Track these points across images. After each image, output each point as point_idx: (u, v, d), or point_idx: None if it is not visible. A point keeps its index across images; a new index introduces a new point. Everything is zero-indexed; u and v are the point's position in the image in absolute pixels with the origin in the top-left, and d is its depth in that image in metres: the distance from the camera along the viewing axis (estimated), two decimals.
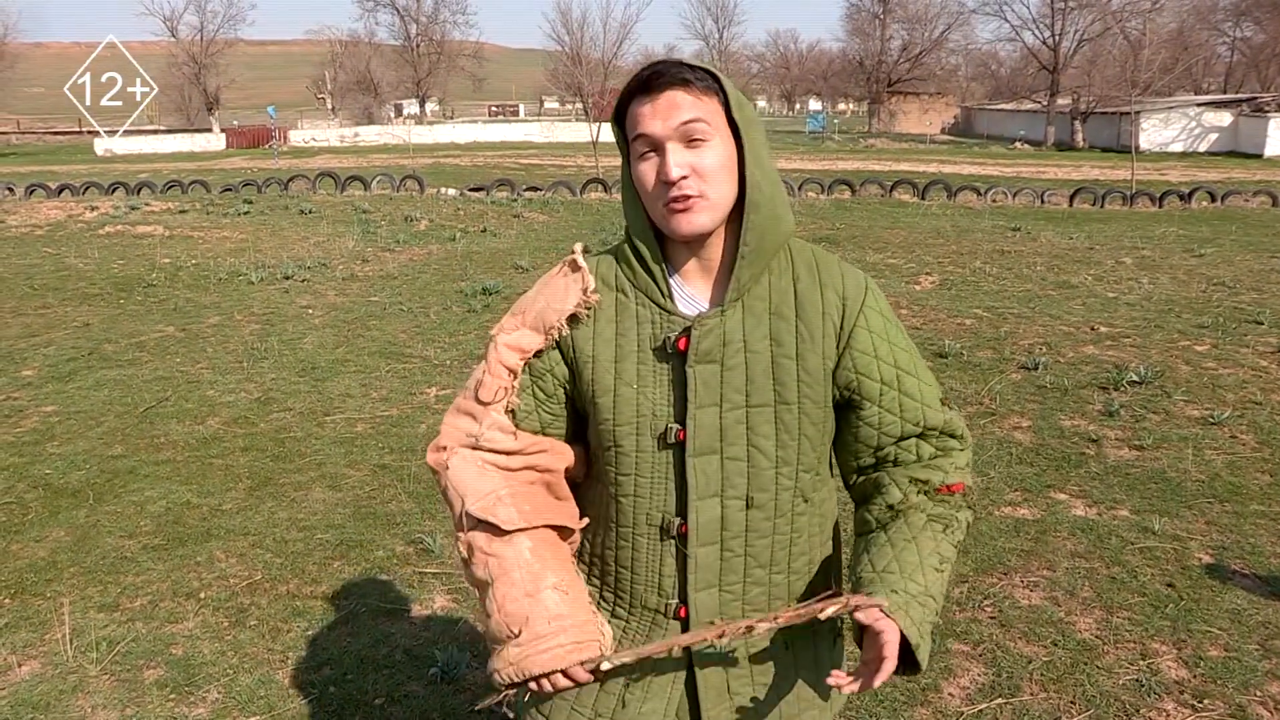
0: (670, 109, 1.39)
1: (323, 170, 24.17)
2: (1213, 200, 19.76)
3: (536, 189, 21.16)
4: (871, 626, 1.36)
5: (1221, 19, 60.19)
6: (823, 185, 21.65)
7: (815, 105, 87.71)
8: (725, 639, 1.43)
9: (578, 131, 47.80)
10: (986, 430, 5.54)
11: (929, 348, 7.24)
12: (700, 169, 1.40)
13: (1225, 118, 44.11)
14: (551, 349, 1.53)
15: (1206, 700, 3.05)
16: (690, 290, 1.50)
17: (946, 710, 3.03)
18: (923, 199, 20.25)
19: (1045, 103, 52.91)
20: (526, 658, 1.45)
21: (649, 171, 1.43)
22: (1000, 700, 3.07)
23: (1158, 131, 44.31)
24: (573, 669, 1.44)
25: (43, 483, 4.89)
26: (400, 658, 3.36)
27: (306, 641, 3.46)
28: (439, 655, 3.29)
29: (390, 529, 4.35)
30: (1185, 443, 5.28)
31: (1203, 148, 43.83)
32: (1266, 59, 58.57)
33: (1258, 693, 3.09)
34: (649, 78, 1.40)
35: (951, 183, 21.56)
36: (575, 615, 1.48)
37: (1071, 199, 19.74)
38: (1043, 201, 19.84)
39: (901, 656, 1.37)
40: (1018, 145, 48.49)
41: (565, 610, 1.47)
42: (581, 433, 1.61)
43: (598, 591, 1.60)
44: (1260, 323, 8.01)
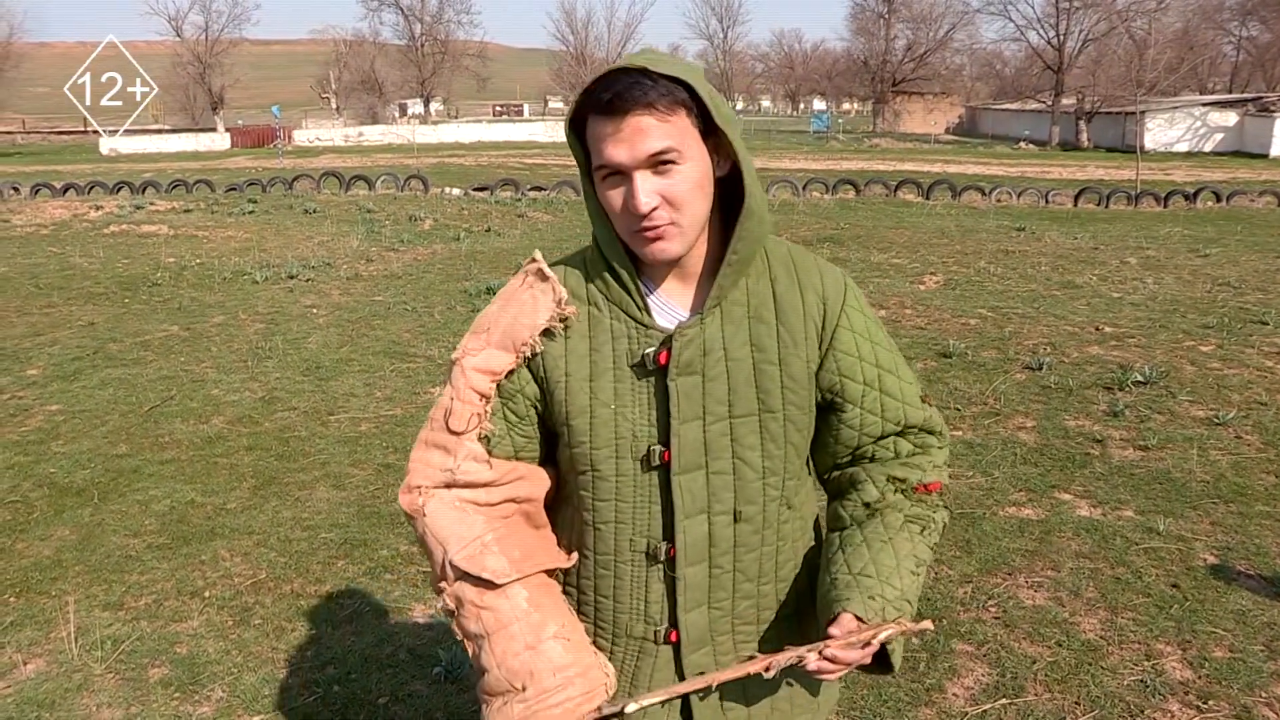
0: (636, 137, 1.27)
1: (327, 170, 24.21)
2: (1218, 200, 19.73)
3: (541, 189, 21.19)
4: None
5: (1227, 18, 60.13)
6: (827, 185, 21.65)
7: (819, 105, 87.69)
8: (770, 671, 1.36)
9: None
10: (991, 430, 5.53)
11: (933, 347, 7.24)
12: (672, 197, 1.30)
13: (1231, 117, 44.04)
14: (521, 368, 1.43)
15: (1211, 701, 3.05)
16: (666, 299, 1.42)
17: (950, 710, 3.03)
18: (927, 199, 20.23)
19: (1050, 103, 52.89)
20: (535, 714, 1.37)
21: (616, 197, 1.32)
22: (1004, 700, 3.07)
23: (1163, 131, 44.27)
24: None
25: (48, 481, 4.90)
26: (404, 657, 3.36)
27: (310, 640, 3.46)
28: (443, 654, 3.29)
29: (394, 528, 4.36)
30: (1190, 443, 5.27)
31: (1208, 148, 43.77)
32: (1272, 58, 58.47)
33: (1263, 694, 3.08)
34: (610, 101, 1.26)
35: (956, 182, 21.56)
36: (580, 661, 1.41)
37: (1076, 199, 19.71)
38: (1047, 201, 19.83)
39: (875, 657, 1.37)
40: (1022, 145, 48.47)
41: (570, 659, 1.40)
42: (552, 454, 1.52)
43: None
44: (1265, 323, 7.99)
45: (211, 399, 6.23)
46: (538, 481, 1.50)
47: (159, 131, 54.57)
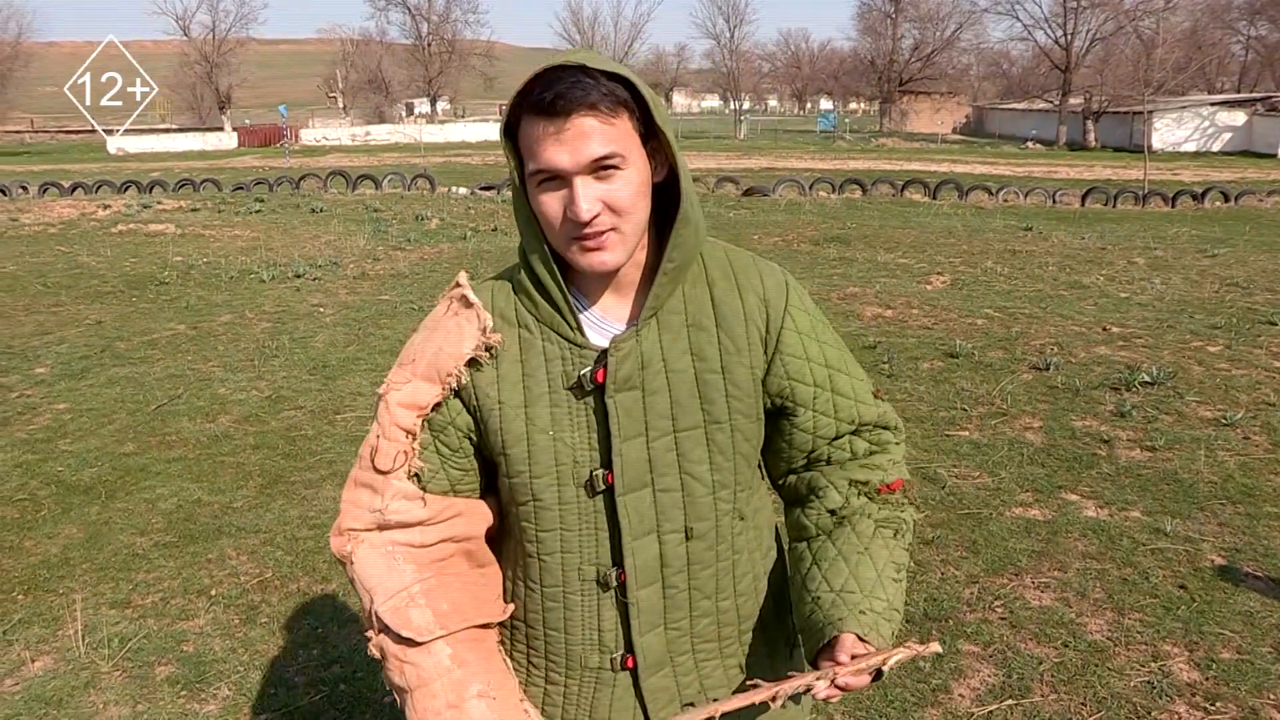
0: (578, 141, 1.19)
1: (334, 169, 24.25)
2: (1226, 200, 19.68)
3: None
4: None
5: (1236, 17, 59.88)
6: (834, 185, 21.65)
7: (826, 104, 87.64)
8: (777, 701, 1.29)
9: None
10: (998, 431, 5.52)
11: (940, 347, 7.23)
12: (614, 203, 1.23)
13: (1239, 117, 43.90)
14: (451, 398, 1.36)
15: (1219, 703, 3.04)
16: (600, 315, 1.35)
17: (956, 711, 3.03)
18: (934, 198, 20.21)
19: (1057, 102, 52.80)
20: None
21: (553, 203, 1.24)
22: (1010, 701, 3.06)
23: (1171, 131, 44.14)
24: None
25: (55, 480, 4.92)
26: None
27: (317, 639, 3.47)
28: None
29: None
30: (1198, 444, 5.25)
31: (1216, 147, 43.64)
32: None
33: (1271, 696, 3.07)
34: (551, 101, 1.19)
35: (963, 182, 21.54)
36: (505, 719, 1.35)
37: (1083, 199, 19.67)
38: (1054, 201, 19.79)
39: None
40: (1029, 145, 48.37)
41: (493, 718, 1.34)
42: (493, 484, 1.45)
43: (525, 657, 1.46)
44: (1274, 323, 7.96)
45: (218, 398, 6.24)
46: (476, 518, 1.43)
47: (166, 131, 54.73)
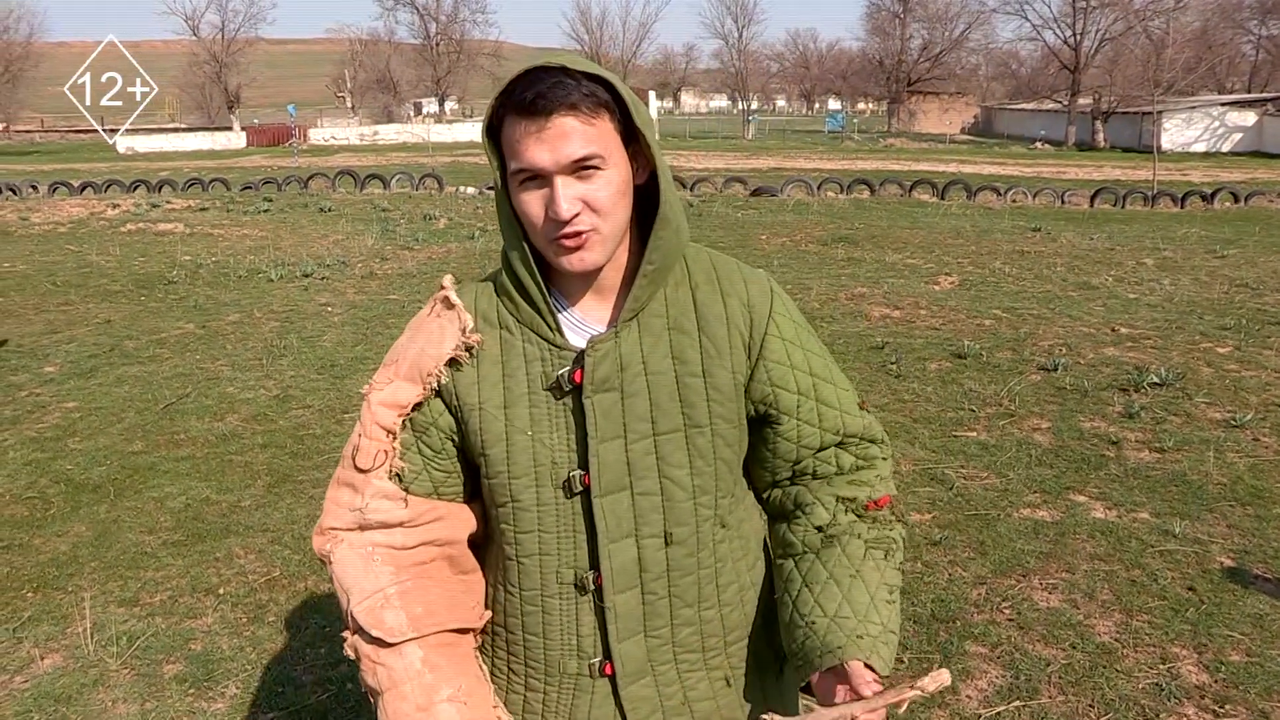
0: (559, 140, 1.20)
1: (342, 169, 24.29)
2: (1236, 201, 19.60)
3: None
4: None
5: (1247, 17, 59.64)
6: (842, 185, 21.62)
7: (834, 104, 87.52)
8: None
9: None
10: (1005, 431, 5.50)
11: (948, 348, 7.21)
12: (594, 202, 1.24)
13: (1250, 117, 43.75)
14: (432, 398, 1.37)
15: (1228, 706, 3.03)
16: (581, 316, 1.36)
17: (964, 712, 3.02)
18: (942, 199, 20.17)
19: (1066, 102, 52.66)
20: None
21: (534, 203, 1.25)
22: (1018, 703, 3.06)
23: (1180, 131, 44.00)
24: None
25: (64, 478, 4.93)
26: None
27: (324, 638, 3.48)
28: None
29: None
30: (1207, 445, 5.23)
31: (1226, 148, 43.49)
32: None
33: None
34: (532, 101, 1.20)
35: (971, 183, 21.49)
36: None
37: (1092, 199, 19.61)
38: (1063, 202, 19.74)
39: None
40: (1038, 145, 48.25)
41: None
42: (478, 489, 1.44)
43: (505, 663, 1.46)
44: None
45: (226, 397, 6.26)
46: (458, 522, 1.43)
47: (175, 130, 54.92)
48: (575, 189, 1.23)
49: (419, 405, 1.37)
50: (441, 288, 1.40)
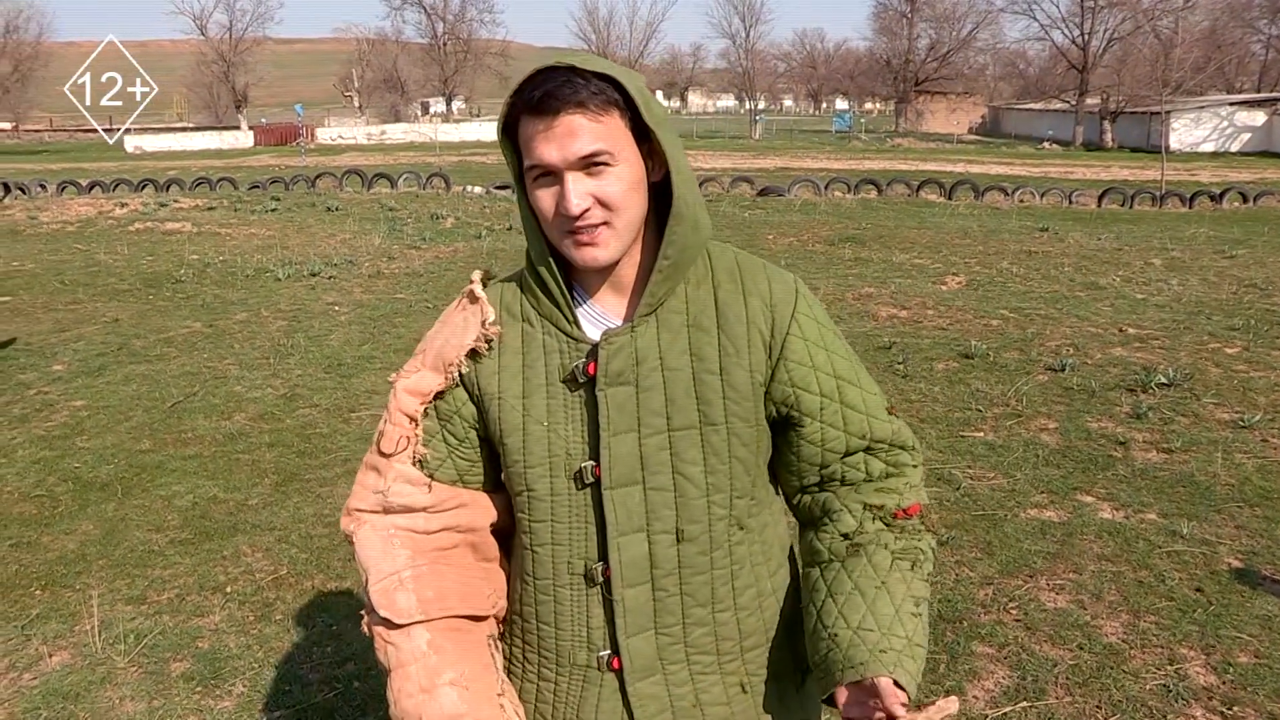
0: (567, 137, 1.23)
1: (350, 168, 24.34)
2: (1245, 201, 19.53)
3: None
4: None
5: (1256, 16, 59.38)
6: (849, 184, 21.59)
7: (842, 104, 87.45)
8: None
9: None
10: (1013, 432, 5.49)
11: (955, 348, 7.20)
12: (605, 198, 1.26)
13: (1259, 117, 43.58)
14: (455, 388, 1.41)
15: (1236, 707, 3.01)
16: (600, 310, 1.38)
17: (971, 713, 3.01)
18: (950, 199, 20.14)
19: (1074, 102, 52.54)
20: None
21: (547, 199, 1.28)
22: (1025, 704, 3.05)
23: (1188, 131, 43.84)
24: None
25: (72, 476, 4.95)
26: None
27: (331, 636, 3.48)
28: None
29: None
30: (1215, 446, 5.22)
31: (1235, 148, 43.32)
32: None
33: None
34: (541, 100, 1.23)
35: (979, 183, 21.45)
36: (475, 712, 1.35)
37: (1100, 199, 19.56)
38: (1071, 202, 19.69)
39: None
40: (1046, 145, 48.15)
41: (463, 709, 1.34)
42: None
43: (520, 652, 1.48)
44: None
45: (234, 395, 6.27)
46: (481, 510, 1.46)
47: (183, 129, 55.08)
48: (585, 185, 1.26)
49: (442, 394, 1.41)
50: (470, 282, 1.44)
